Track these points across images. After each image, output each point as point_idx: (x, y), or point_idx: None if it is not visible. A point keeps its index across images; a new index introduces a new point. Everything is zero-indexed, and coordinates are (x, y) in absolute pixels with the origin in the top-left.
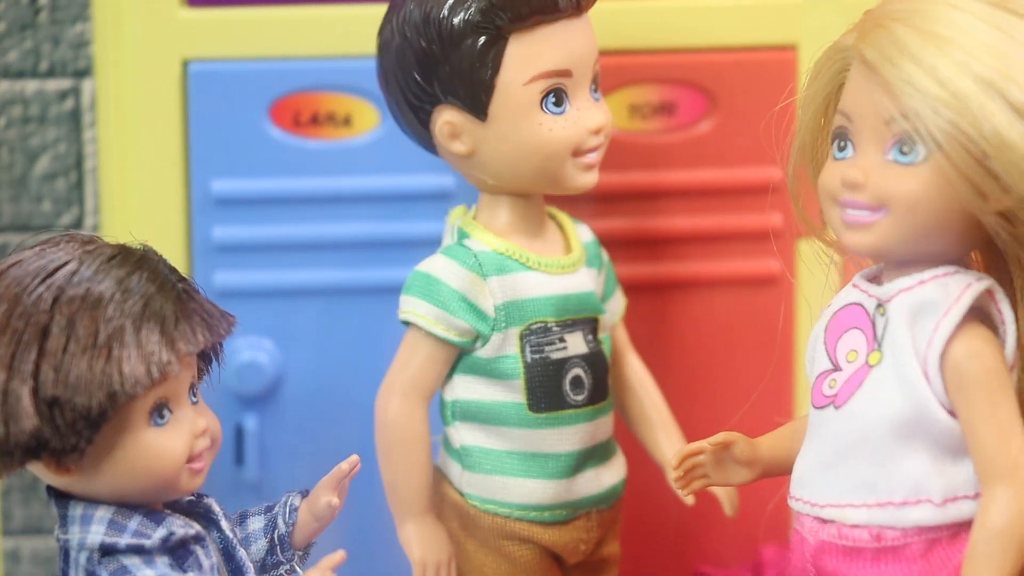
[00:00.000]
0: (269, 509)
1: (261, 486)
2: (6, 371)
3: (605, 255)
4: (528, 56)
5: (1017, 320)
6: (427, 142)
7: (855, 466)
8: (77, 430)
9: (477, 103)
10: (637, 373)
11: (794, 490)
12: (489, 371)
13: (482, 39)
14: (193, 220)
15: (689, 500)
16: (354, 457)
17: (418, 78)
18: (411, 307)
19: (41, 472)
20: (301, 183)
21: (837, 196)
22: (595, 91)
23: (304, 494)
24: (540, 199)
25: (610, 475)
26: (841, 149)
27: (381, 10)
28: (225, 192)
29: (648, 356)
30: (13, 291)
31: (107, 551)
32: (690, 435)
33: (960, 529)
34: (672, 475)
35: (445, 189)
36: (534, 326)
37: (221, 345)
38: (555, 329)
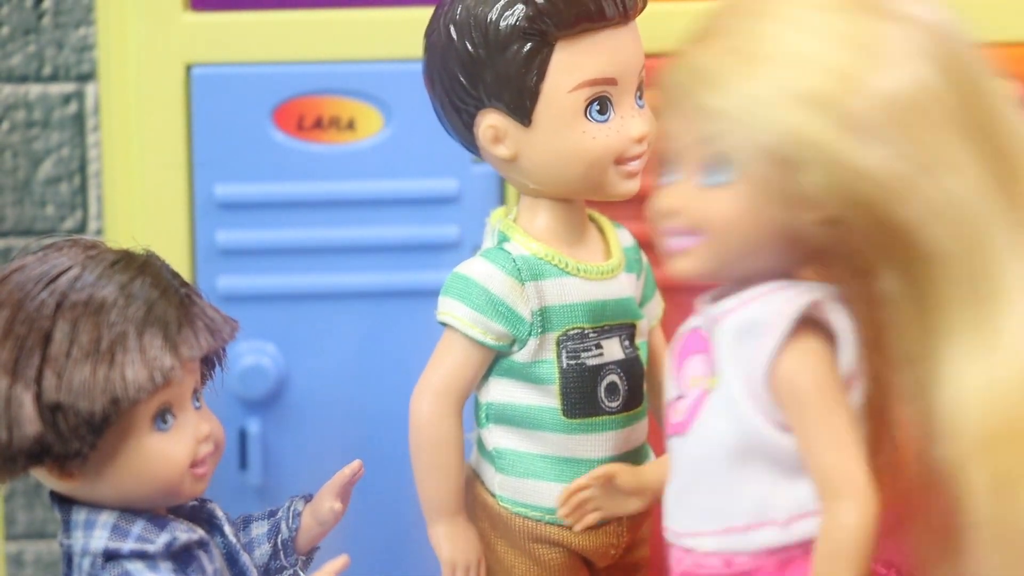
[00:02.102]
0: (272, 514)
1: (264, 491)
2: (9, 376)
3: (645, 259)
4: (574, 63)
5: (868, 324)
6: (471, 144)
7: (703, 493)
8: (80, 435)
9: (521, 108)
10: None
11: (663, 520)
12: (525, 375)
13: (528, 45)
14: (196, 224)
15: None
16: (357, 462)
17: (463, 81)
18: (449, 309)
19: (44, 477)
20: (305, 187)
21: (657, 224)
22: (639, 99)
23: (308, 499)
24: (582, 204)
25: None
26: (666, 175)
27: (384, 14)
28: (229, 196)
29: None
30: (16, 296)
31: (110, 556)
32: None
33: (813, 545)
34: (560, 512)
35: (449, 193)
36: (571, 332)
37: (224, 350)
38: (592, 335)
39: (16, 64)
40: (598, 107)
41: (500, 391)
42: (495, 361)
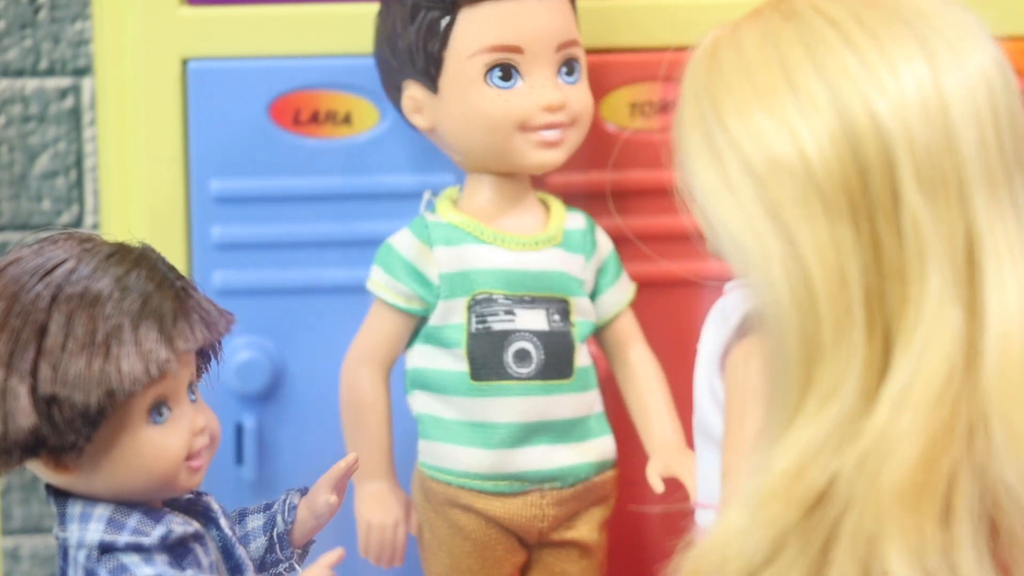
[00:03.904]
0: (268, 507)
1: (260, 484)
2: (4, 369)
3: (605, 248)
4: (474, 30)
5: None
6: (409, 121)
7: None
8: (75, 428)
9: (429, 76)
10: (635, 364)
11: None
12: (438, 339)
13: (434, 12)
14: (193, 219)
15: (658, 488)
16: (353, 455)
17: (388, 55)
18: (372, 275)
19: (40, 470)
20: (301, 182)
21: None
22: (568, 74)
23: (303, 492)
24: (524, 181)
25: (570, 455)
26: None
27: None
28: (225, 191)
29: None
30: (11, 289)
31: (106, 549)
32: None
33: None
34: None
35: (445, 187)
36: (479, 296)
37: (220, 343)
38: (502, 301)
39: (12, 58)
40: (500, 73)
41: (419, 356)
42: (419, 328)
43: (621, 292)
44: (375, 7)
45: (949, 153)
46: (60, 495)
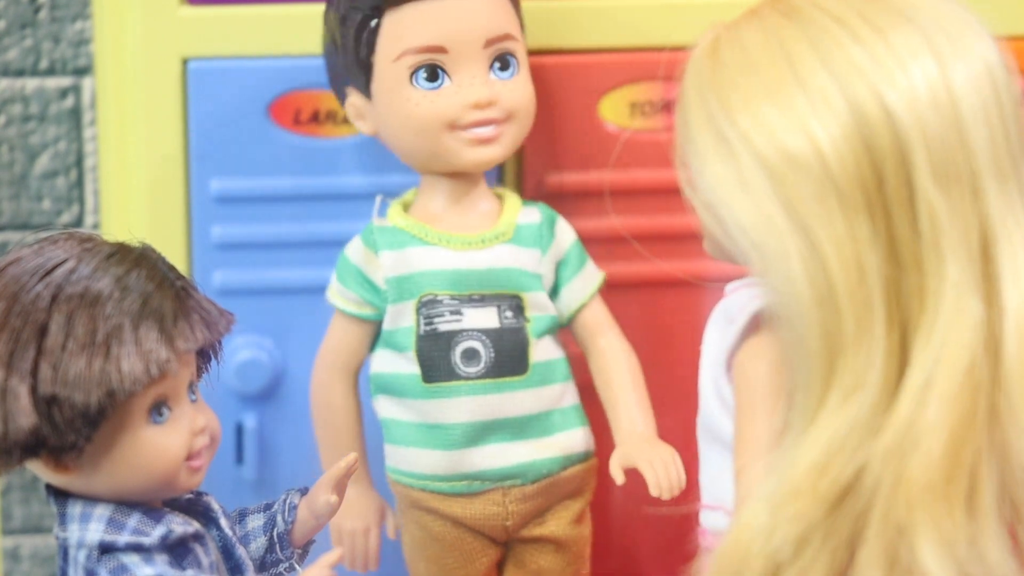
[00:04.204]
0: (268, 507)
1: (261, 484)
2: (4, 369)
3: (566, 240)
4: (398, 33)
5: None
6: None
7: (701, 468)
8: (76, 428)
9: (362, 82)
10: (605, 355)
11: None
12: (390, 343)
13: (359, 17)
14: (193, 218)
15: (619, 479)
16: (352, 456)
17: (330, 63)
18: (330, 284)
19: (40, 470)
20: (301, 181)
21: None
22: (502, 69)
23: (303, 492)
24: (476, 179)
25: (529, 451)
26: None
27: None
28: (225, 190)
29: (644, 353)
30: (11, 289)
31: (106, 549)
32: (676, 441)
33: None
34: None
35: None
36: (425, 298)
37: (220, 343)
38: (447, 302)
39: (12, 58)
40: (426, 74)
41: (377, 361)
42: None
43: (584, 283)
44: None
45: (960, 145)
46: (60, 495)
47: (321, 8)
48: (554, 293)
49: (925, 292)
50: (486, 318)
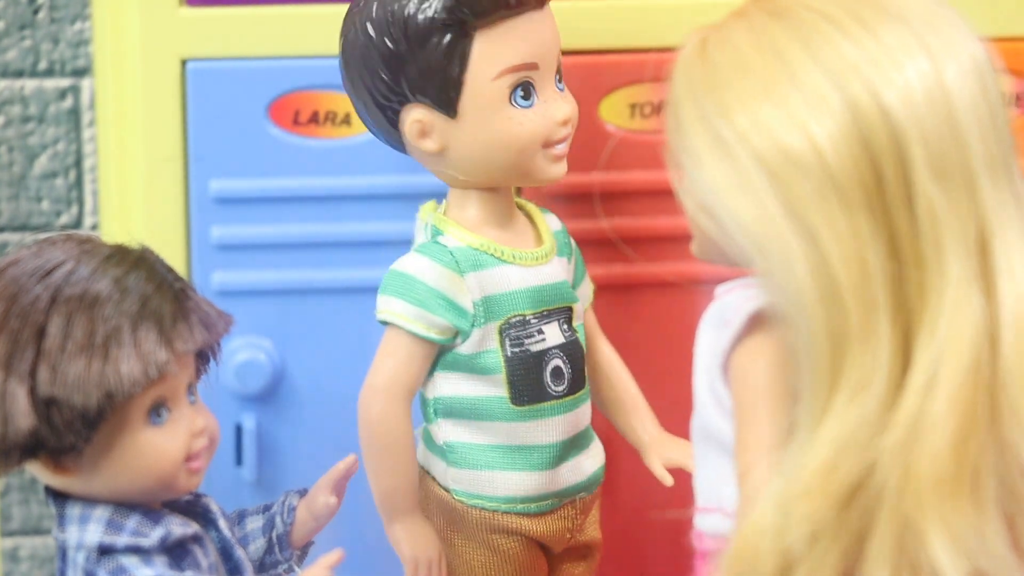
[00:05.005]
0: (267, 508)
1: (260, 486)
2: (3, 371)
3: (574, 243)
4: (495, 51)
5: None
6: (395, 141)
7: (695, 470)
8: (74, 430)
9: (447, 101)
10: (608, 358)
11: None
12: (471, 367)
13: (448, 36)
14: (192, 219)
15: (668, 481)
16: (352, 457)
17: (386, 78)
18: (389, 306)
19: (39, 472)
20: (300, 182)
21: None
22: (559, 82)
23: (302, 493)
24: (509, 191)
25: (591, 462)
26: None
27: None
28: (224, 191)
29: (638, 353)
30: (10, 291)
31: (105, 551)
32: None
33: None
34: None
35: (444, 188)
36: (512, 320)
37: (219, 344)
38: (533, 321)
39: (12, 59)
40: (522, 93)
41: (447, 385)
42: (439, 355)
43: (588, 287)
44: None
45: (955, 141)
46: (59, 496)
47: (321, 8)
48: None
49: (926, 288)
50: (556, 334)
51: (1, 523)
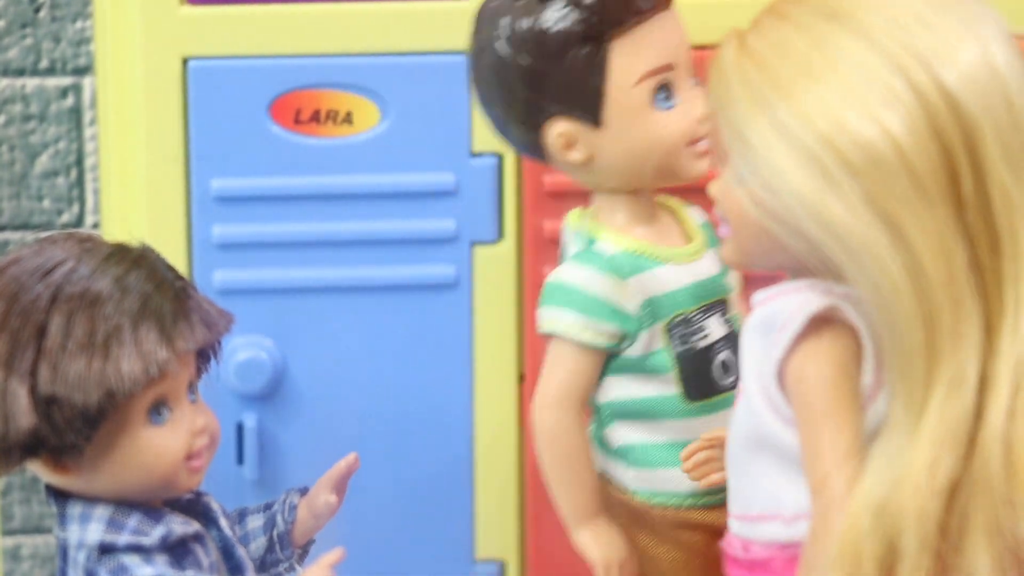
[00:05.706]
0: (268, 507)
1: (261, 484)
2: (4, 369)
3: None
4: (632, 57)
5: None
6: (538, 154)
7: (732, 476)
8: (75, 428)
9: (591, 111)
10: None
11: None
12: (641, 368)
13: (585, 48)
14: (193, 218)
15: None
16: (352, 455)
17: (526, 95)
18: (555, 317)
19: (40, 471)
20: (302, 181)
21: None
22: (692, 79)
23: (303, 492)
24: (651, 191)
25: None
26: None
27: (382, 7)
28: (225, 190)
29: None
30: (11, 289)
31: (106, 549)
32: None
33: None
34: (684, 468)
35: (446, 187)
36: (677, 319)
37: (219, 343)
38: (696, 318)
39: (13, 57)
40: (664, 95)
41: (618, 388)
42: (607, 361)
43: (734, 274)
44: (376, 6)
45: (1015, 126)
46: (60, 495)
47: (323, 7)
48: None
49: (1003, 278)
50: (719, 327)
51: (2, 522)
